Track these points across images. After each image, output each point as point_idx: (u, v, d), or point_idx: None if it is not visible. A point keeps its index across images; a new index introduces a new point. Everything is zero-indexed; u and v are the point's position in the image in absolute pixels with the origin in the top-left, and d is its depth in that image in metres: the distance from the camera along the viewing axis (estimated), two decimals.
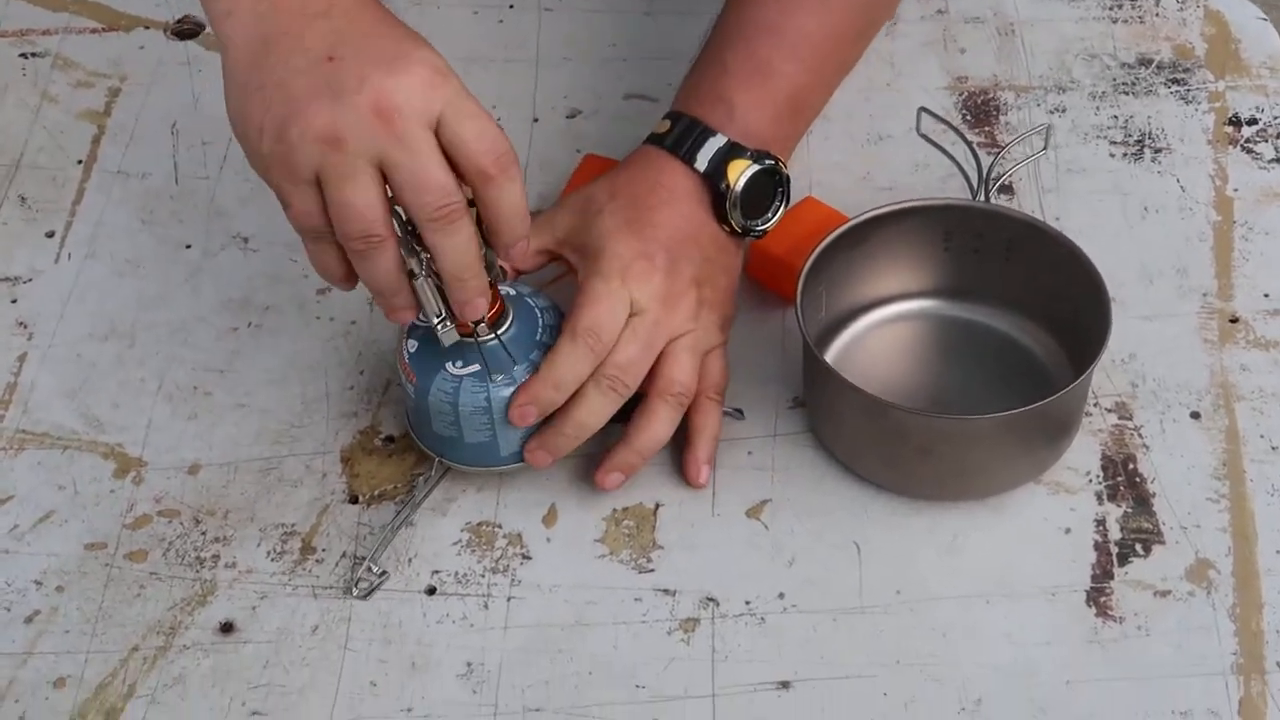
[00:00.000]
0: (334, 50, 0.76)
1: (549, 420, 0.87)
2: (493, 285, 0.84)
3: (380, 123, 0.74)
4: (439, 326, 0.83)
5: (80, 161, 1.08)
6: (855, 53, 1.01)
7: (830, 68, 0.99)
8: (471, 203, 0.80)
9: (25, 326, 0.99)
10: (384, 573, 0.86)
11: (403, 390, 0.89)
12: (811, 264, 0.89)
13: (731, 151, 0.92)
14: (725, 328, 0.92)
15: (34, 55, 1.16)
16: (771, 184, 0.93)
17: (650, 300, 0.88)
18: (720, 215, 0.92)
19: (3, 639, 0.84)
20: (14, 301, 1.00)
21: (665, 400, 0.88)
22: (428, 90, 0.75)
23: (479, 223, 0.81)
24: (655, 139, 0.94)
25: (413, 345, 0.88)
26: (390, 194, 0.78)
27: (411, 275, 0.81)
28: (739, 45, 0.96)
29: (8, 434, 0.93)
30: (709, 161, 0.92)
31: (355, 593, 0.86)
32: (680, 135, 0.93)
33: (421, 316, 0.85)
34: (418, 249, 0.80)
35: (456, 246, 0.78)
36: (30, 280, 1.01)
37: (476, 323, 0.84)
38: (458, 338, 0.84)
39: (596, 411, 0.87)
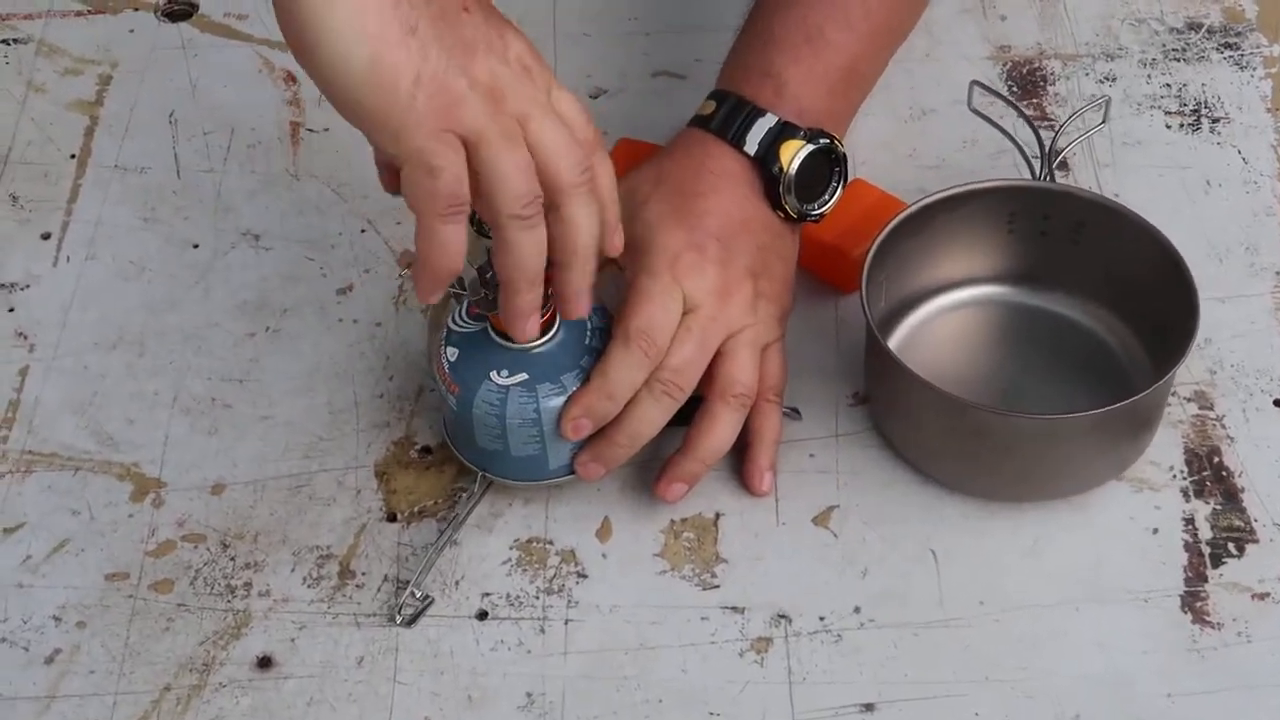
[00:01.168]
0: (469, 3, 0.70)
1: (600, 430, 0.82)
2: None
3: (532, 85, 0.69)
4: None
5: (73, 156, 1.02)
6: (912, 18, 0.95)
7: (885, 35, 0.93)
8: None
9: (25, 337, 0.92)
10: (429, 598, 0.81)
11: (442, 401, 0.83)
12: (874, 253, 0.84)
13: (783, 132, 0.86)
14: (783, 321, 0.87)
15: (16, 41, 1.08)
16: (827, 164, 0.87)
17: (704, 295, 0.82)
18: (774, 200, 0.86)
19: (22, 681, 0.78)
20: (11, 310, 0.93)
21: (727, 402, 0.83)
22: (524, 82, 0.71)
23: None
24: (700, 121, 0.88)
25: (453, 353, 0.82)
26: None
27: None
28: (787, 14, 0.90)
29: (13, 455, 0.87)
30: (759, 143, 0.86)
31: (399, 620, 0.80)
32: (727, 116, 0.87)
33: (459, 319, 0.81)
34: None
35: (533, 247, 0.73)
36: (28, 286, 0.95)
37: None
38: None
39: (651, 419, 0.81)
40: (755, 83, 0.88)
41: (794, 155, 0.85)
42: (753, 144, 0.86)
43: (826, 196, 0.88)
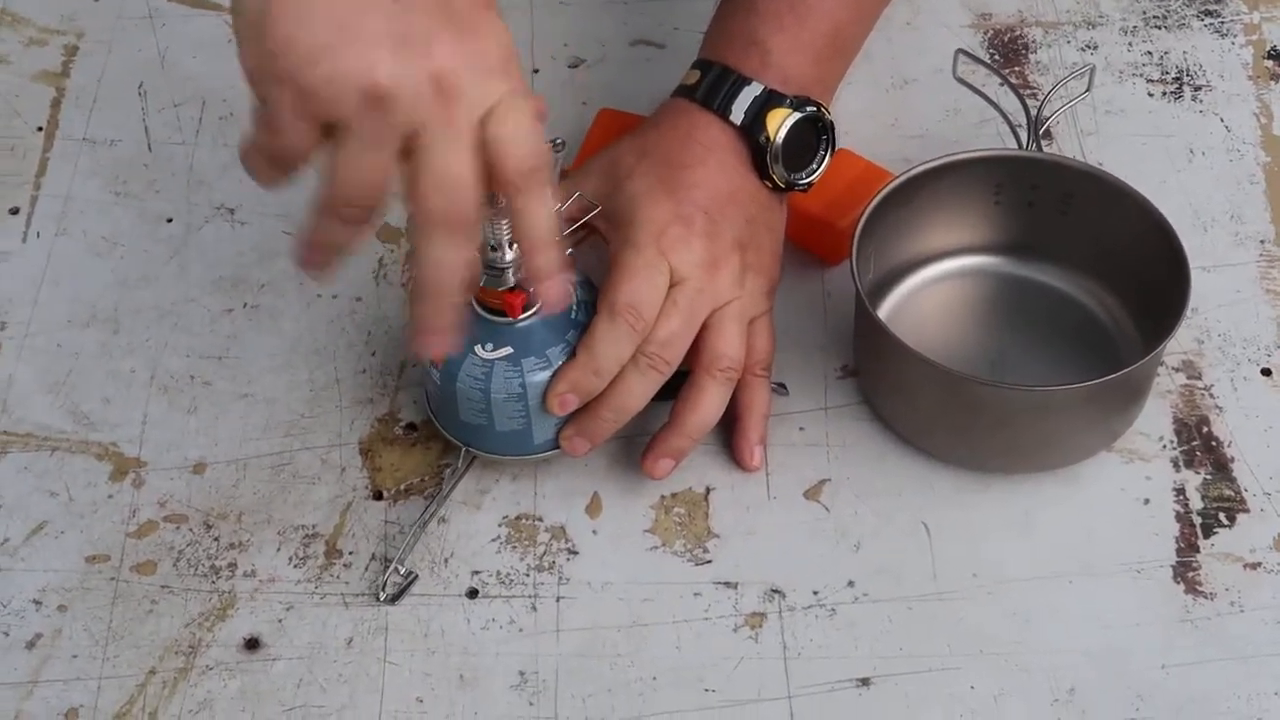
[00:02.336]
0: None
1: (586, 405, 0.80)
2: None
3: (437, 100, 0.64)
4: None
5: (40, 129, 0.99)
6: None
7: (870, 2, 0.92)
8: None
9: None
10: (412, 574, 0.80)
11: (425, 375, 0.82)
12: (863, 225, 0.83)
13: (770, 100, 0.84)
14: (771, 293, 0.86)
15: None
16: (814, 132, 0.86)
17: (691, 267, 0.81)
18: (761, 170, 0.85)
19: (3, 667, 0.77)
20: None
21: (713, 376, 0.82)
22: (490, 77, 0.66)
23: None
24: (684, 91, 0.87)
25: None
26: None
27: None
28: None
29: None
30: (745, 113, 0.84)
31: (383, 597, 0.79)
32: (712, 85, 0.85)
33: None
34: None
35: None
36: None
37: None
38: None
39: (637, 393, 0.80)
40: (740, 51, 0.86)
41: (781, 124, 0.84)
42: (739, 113, 0.84)
43: (814, 165, 0.87)
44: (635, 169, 0.84)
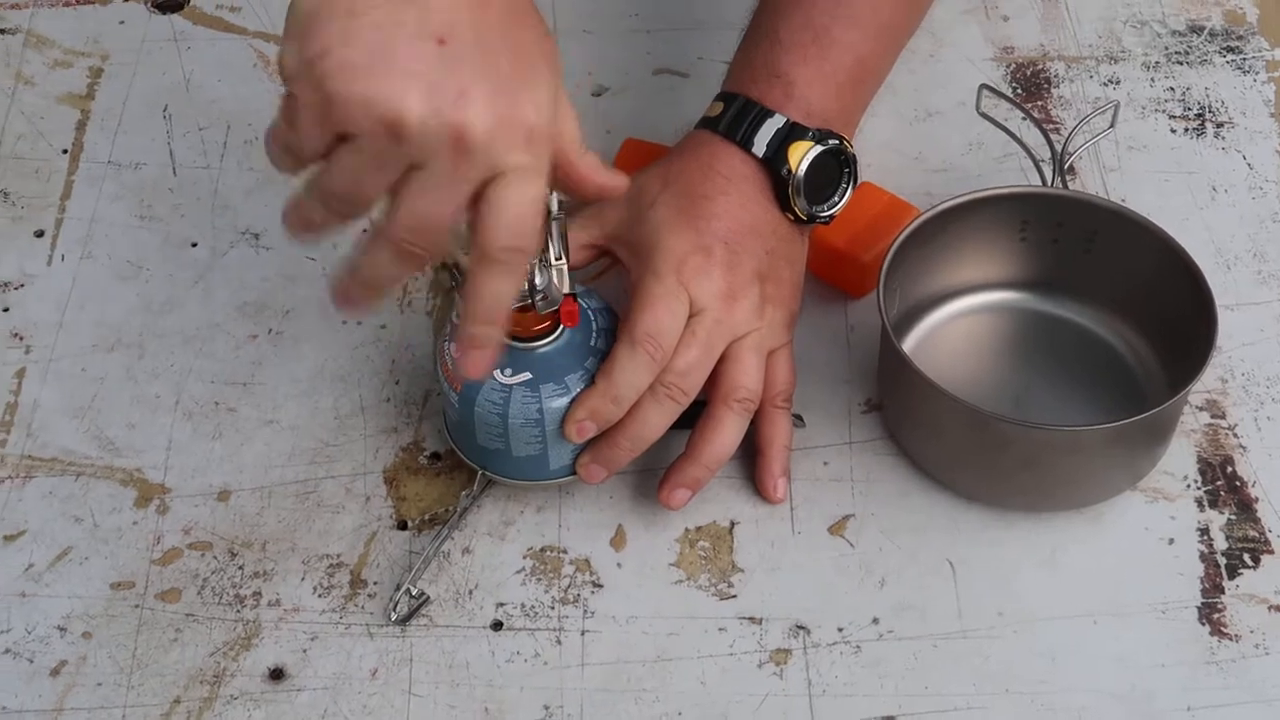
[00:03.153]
0: (450, 33, 0.65)
1: (603, 432, 0.81)
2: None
3: (452, 152, 0.64)
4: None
5: (65, 151, 0.99)
6: (919, 14, 0.94)
7: (892, 32, 0.92)
8: None
9: (21, 338, 0.90)
10: (424, 595, 0.80)
11: (443, 398, 0.82)
12: (890, 260, 0.83)
13: (792, 133, 0.85)
14: (791, 325, 0.86)
15: (3, 32, 1.06)
16: (837, 165, 0.86)
17: (710, 298, 0.81)
18: (783, 202, 0.85)
19: (28, 694, 0.77)
20: (6, 310, 0.91)
21: (730, 407, 0.82)
22: (516, 148, 0.66)
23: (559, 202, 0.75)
24: (708, 122, 0.87)
25: (455, 349, 0.80)
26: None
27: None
28: (793, 14, 0.88)
29: (12, 460, 0.85)
30: (768, 145, 0.84)
31: (393, 618, 0.79)
32: (735, 117, 0.86)
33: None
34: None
35: (393, 273, 0.69)
36: (22, 286, 0.93)
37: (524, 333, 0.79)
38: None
39: (654, 423, 0.81)
40: (763, 84, 0.87)
41: (803, 156, 0.84)
42: (761, 145, 0.85)
43: (836, 198, 0.87)
44: (658, 198, 0.84)
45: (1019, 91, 1.03)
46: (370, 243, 0.69)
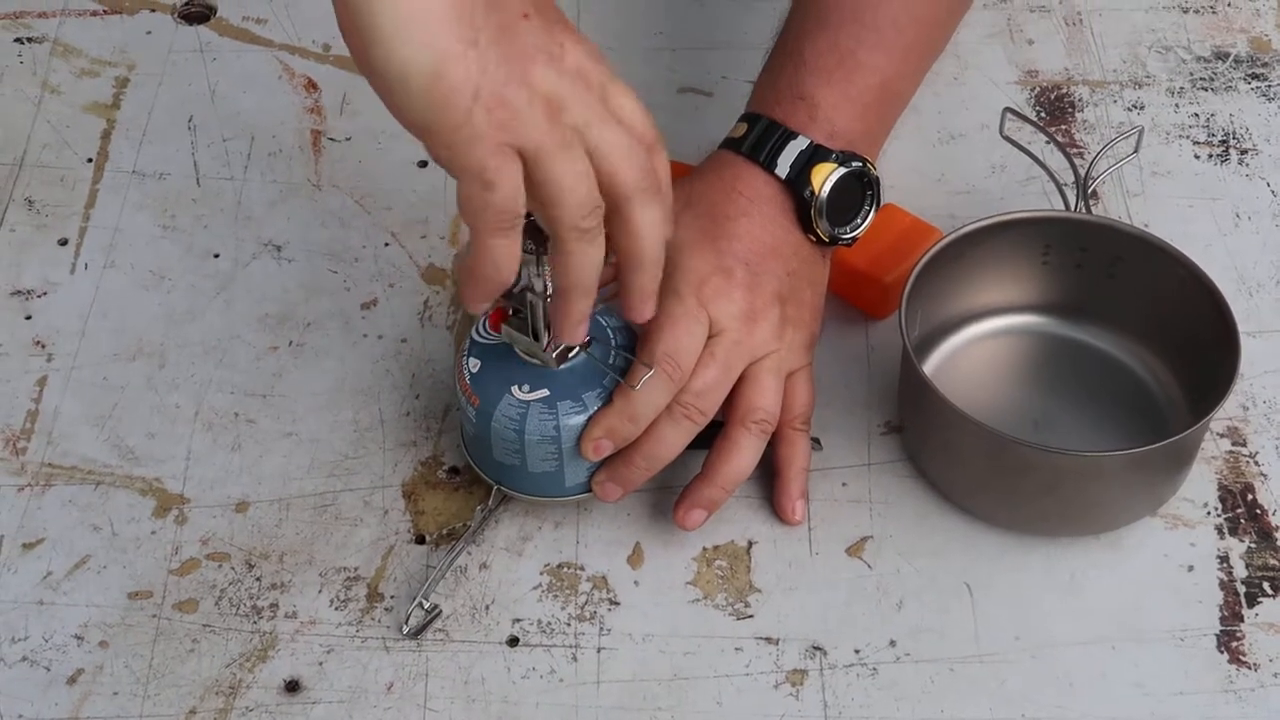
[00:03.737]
0: (526, 5, 0.67)
1: (619, 451, 0.81)
2: None
3: (589, 93, 0.68)
4: (546, 350, 0.78)
5: (90, 160, 1.00)
6: (944, 37, 0.94)
7: (918, 55, 0.91)
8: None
9: (43, 346, 0.90)
10: (436, 608, 0.80)
11: (461, 412, 0.82)
12: (913, 282, 0.83)
13: (815, 155, 0.84)
14: (811, 347, 0.86)
15: (31, 40, 1.07)
16: (860, 187, 0.86)
17: (730, 319, 0.81)
18: (805, 224, 0.85)
19: (44, 703, 0.77)
20: (28, 318, 0.92)
21: (747, 428, 0.82)
22: (602, 68, 0.70)
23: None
24: (731, 143, 0.87)
25: (475, 365, 0.81)
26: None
27: (529, 290, 0.75)
28: (818, 36, 0.88)
29: (32, 468, 0.85)
30: (791, 167, 0.84)
31: (405, 631, 0.79)
32: (759, 139, 0.86)
33: (483, 331, 0.81)
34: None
35: (593, 258, 0.71)
36: (45, 294, 0.93)
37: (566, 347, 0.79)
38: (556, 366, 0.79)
39: (670, 442, 0.81)
40: (787, 106, 0.87)
41: (826, 178, 0.84)
42: (784, 167, 0.85)
43: (859, 220, 0.87)
44: (680, 218, 0.84)
45: (1043, 115, 1.03)
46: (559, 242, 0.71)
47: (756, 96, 0.89)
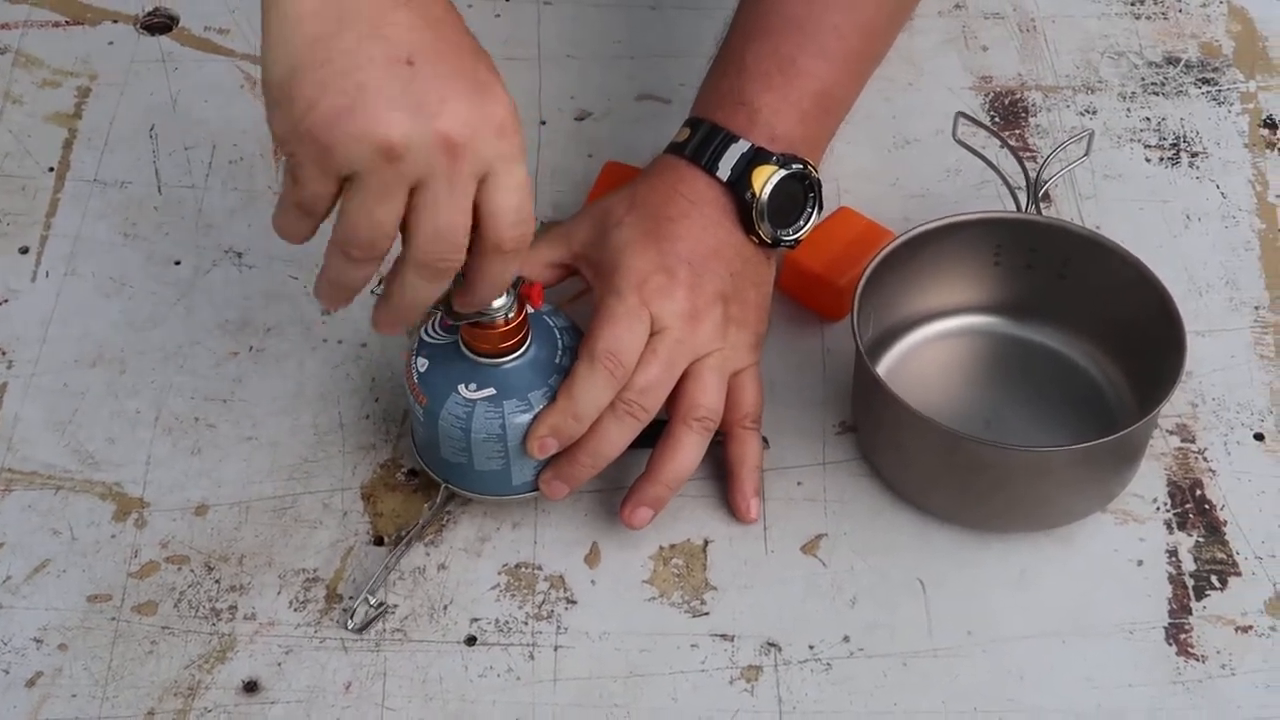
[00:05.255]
0: (415, 54, 0.67)
1: (565, 448, 0.81)
2: (519, 305, 0.79)
3: (445, 156, 0.67)
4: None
5: (51, 169, 1.00)
6: (885, 44, 0.95)
7: (860, 62, 0.93)
8: None
9: (4, 353, 0.91)
10: (383, 604, 0.80)
11: (410, 412, 0.83)
12: (864, 283, 0.84)
13: (756, 158, 0.85)
14: (757, 347, 0.87)
15: None
16: (801, 189, 0.87)
17: (672, 318, 0.82)
18: (747, 226, 0.86)
19: (3, 705, 0.77)
20: None
21: (689, 426, 0.82)
22: (497, 138, 0.68)
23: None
24: (675, 148, 0.88)
25: (422, 364, 0.81)
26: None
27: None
28: (760, 42, 0.90)
29: None
30: (732, 169, 0.85)
31: (350, 626, 0.79)
32: (701, 143, 0.87)
33: (432, 331, 0.82)
34: None
35: (428, 292, 0.72)
36: (5, 301, 0.93)
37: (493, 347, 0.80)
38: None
39: (614, 440, 0.81)
40: (728, 110, 0.87)
41: (766, 180, 0.85)
42: (725, 170, 0.85)
43: (801, 222, 0.88)
44: (624, 219, 0.85)
45: (996, 120, 1.04)
46: (397, 272, 0.72)
47: (700, 101, 0.91)
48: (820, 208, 0.88)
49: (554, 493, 0.82)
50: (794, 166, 0.86)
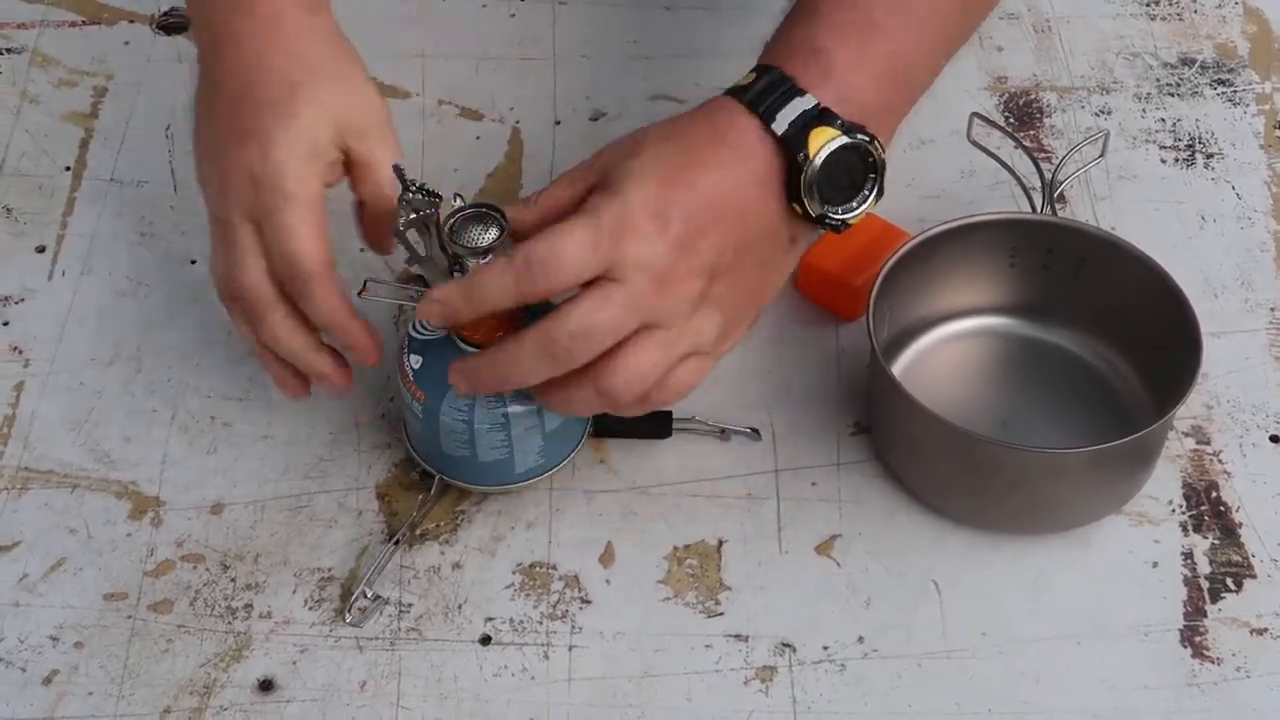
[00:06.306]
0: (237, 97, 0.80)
1: (485, 353, 0.77)
2: None
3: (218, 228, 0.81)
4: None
5: (68, 168, 1.01)
6: (965, 27, 0.87)
7: (940, 35, 0.83)
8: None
9: (20, 352, 0.91)
10: (379, 598, 0.80)
11: (405, 408, 0.83)
12: (880, 284, 0.84)
13: (821, 117, 0.76)
14: (727, 338, 0.78)
15: (10, 51, 1.07)
16: (862, 166, 0.77)
17: (637, 271, 0.73)
18: (793, 193, 0.76)
19: (19, 703, 0.77)
20: (5, 324, 0.92)
21: (551, 349, 0.73)
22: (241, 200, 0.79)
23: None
24: (736, 90, 0.78)
25: (416, 361, 0.81)
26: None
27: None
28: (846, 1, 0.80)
29: (9, 472, 0.86)
30: (790, 124, 0.75)
31: (348, 619, 0.80)
32: (764, 90, 0.76)
33: (419, 326, 0.82)
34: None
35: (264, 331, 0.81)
36: (22, 300, 0.94)
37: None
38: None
39: (524, 369, 0.75)
40: (800, 60, 0.78)
41: (824, 144, 0.75)
42: (783, 124, 0.76)
43: (854, 204, 0.78)
44: (649, 149, 0.76)
45: (1011, 121, 1.04)
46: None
47: (769, 49, 0.81)
48: (880, 192, 0.78)
49: (456, 383, 0.78)
50: (858, 137, 0.76)
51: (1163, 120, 1.04)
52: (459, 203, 0.77)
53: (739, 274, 0.77)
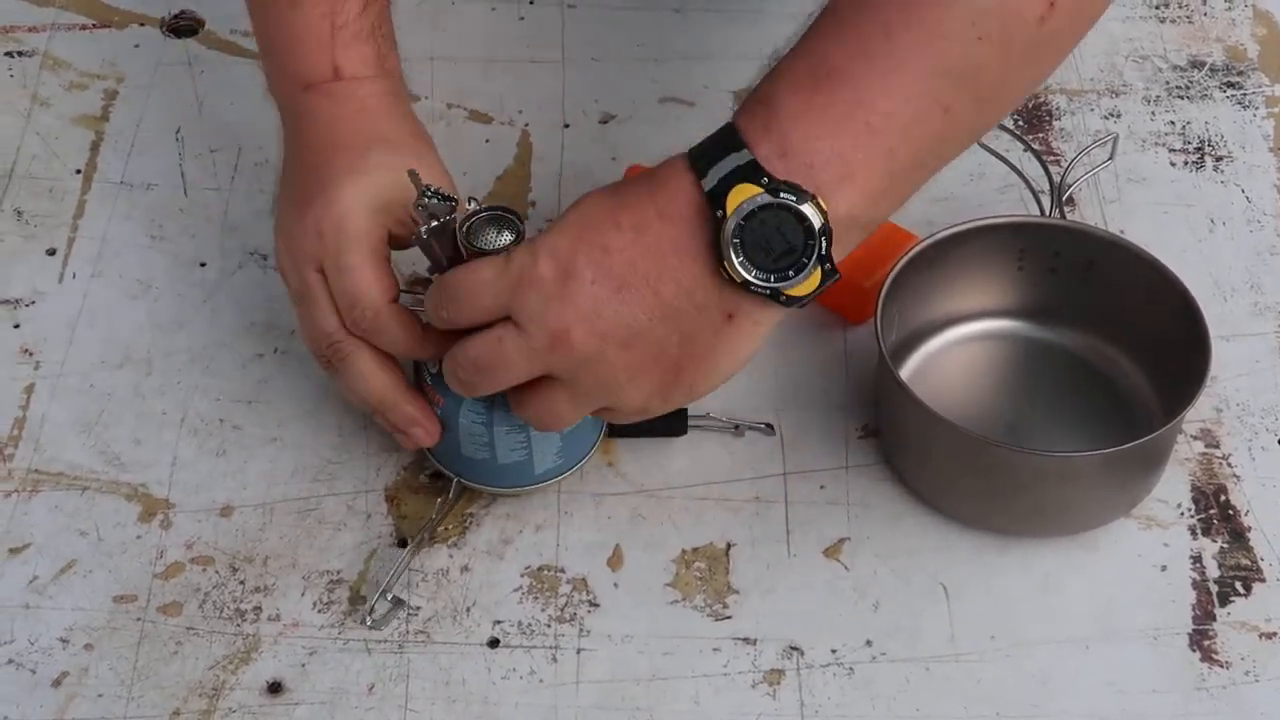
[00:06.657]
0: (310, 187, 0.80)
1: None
2: None
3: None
4: None
5: (78, 171, 1.01)
6: (966, 61, 0.72)
7: (923, 75, 0.71)
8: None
9: (31, 354, 0.91)
10: (400, 600, 0.81)
11: None
12: (888, 287, 0.84)
13: (747, 172, 0.69)
14: (647, 411, 0.75)
15: (20, 54, 1.08)
16: (800, 231, 0.69)
17: (530, 321, 0.72)
18: (721, 255, 0.70)
19: (29, 705, 0.77)
20: (16, 326, 0.93)
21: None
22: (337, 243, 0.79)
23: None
24: (694, 146, 0.73)
25: (434, 366, 0.81)
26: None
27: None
28: (797, 47, 0.73)
29: (19, 474, 0.86)
30: (720, 180, 0.70)
31: (369, 622, 0.80)
32: (709, 144, 0.72)
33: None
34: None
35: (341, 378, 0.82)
36: (33, 303, 0.94)
37: None
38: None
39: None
40: (748, 111, 0.72)
41: (742, 203, 0.69)
42: (713, 179, 0.70)
43: (792, 273, 0.70)
44: (589, 199, 0.74)
45: (1020, 124, 1.04)
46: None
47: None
48: (826, 264, 0.70)
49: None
50: (782, 196, 0.69)
51: (1172, 123, 1.04)
52: (474, 206, 0.77)
53: (655, 346, 0.73)
